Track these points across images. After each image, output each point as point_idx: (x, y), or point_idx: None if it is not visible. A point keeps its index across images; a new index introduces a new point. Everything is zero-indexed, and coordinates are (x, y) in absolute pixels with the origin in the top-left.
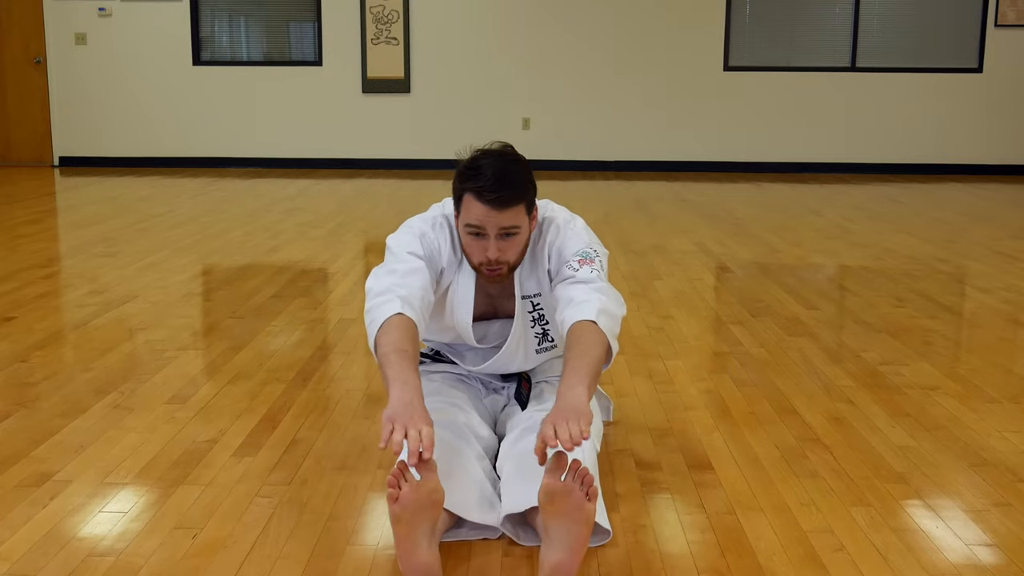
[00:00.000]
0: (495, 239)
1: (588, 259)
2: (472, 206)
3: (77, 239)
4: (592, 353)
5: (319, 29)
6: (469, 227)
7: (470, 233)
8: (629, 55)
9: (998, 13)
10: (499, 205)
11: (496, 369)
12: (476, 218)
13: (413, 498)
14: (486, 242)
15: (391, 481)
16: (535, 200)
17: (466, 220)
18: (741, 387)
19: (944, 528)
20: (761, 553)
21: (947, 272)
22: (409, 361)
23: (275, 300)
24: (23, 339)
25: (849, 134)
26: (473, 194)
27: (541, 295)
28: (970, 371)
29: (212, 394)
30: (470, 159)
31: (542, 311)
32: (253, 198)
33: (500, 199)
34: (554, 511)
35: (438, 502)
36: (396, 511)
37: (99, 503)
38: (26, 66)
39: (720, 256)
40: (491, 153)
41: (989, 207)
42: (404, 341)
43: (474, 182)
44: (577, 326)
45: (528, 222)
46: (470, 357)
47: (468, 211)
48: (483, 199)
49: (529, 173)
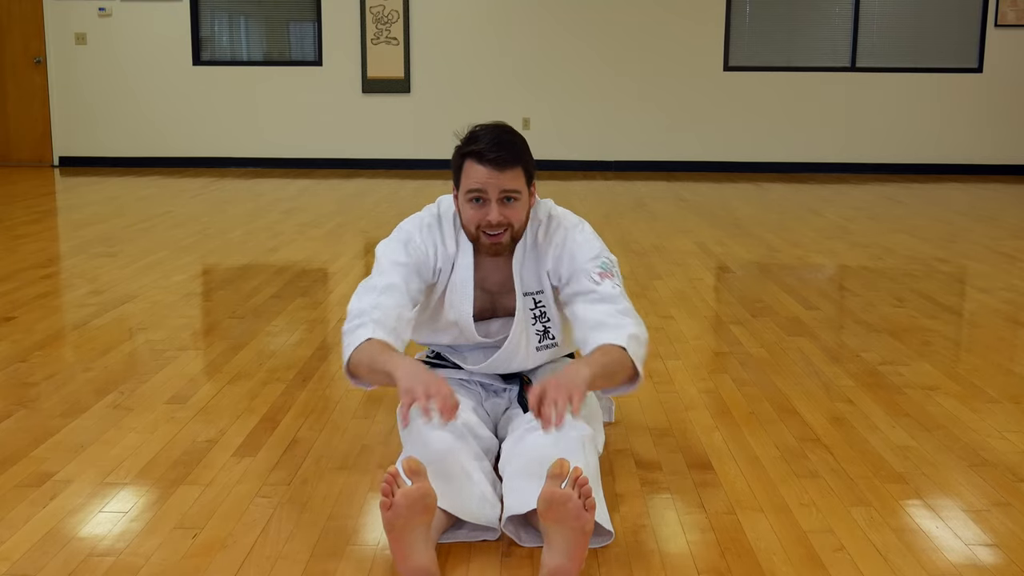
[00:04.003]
0: (496, 204)
1: (607, 272)
2: (472, 170)
3: (77, 239)
4: (613, 361)
5: (319, 29)
6: (471, 192)
7: (471, 199)
8: (629, 55)
9: (998, 13)
10: (499, 165)
11: (497, 368)
12: (477, 181)
13: (405, 504)
14: (485, 208)
15: (384, 489)
16: (534, 174)
17: (467, 186)
18: (741, 387)
19: (944, 528)
20: (761, 553)
21: (947, 272)
22: (398, 350)
23: (275, 300)
24: (23, 339)
25: (849, 134)
26: (473, 158)
27: (543, 292)
28: (970, 371)
29: (212, 394)
30: (471, 129)
31: (543, 308)
32: (253, 198)
33: (500, 159)
34: (553, 517)
35: (430, 507)
36: (389, 518)
37: (99, 503)
38: (26, 66)
39: (720, 256)
40: (488, 125)
41: (989, 207)
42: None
43: (474, 145)
44: (606, 346)
45: (528, 193)
46: (471, 357)
47: (468, 176)
48: (483, 160)
49: (526, 144)
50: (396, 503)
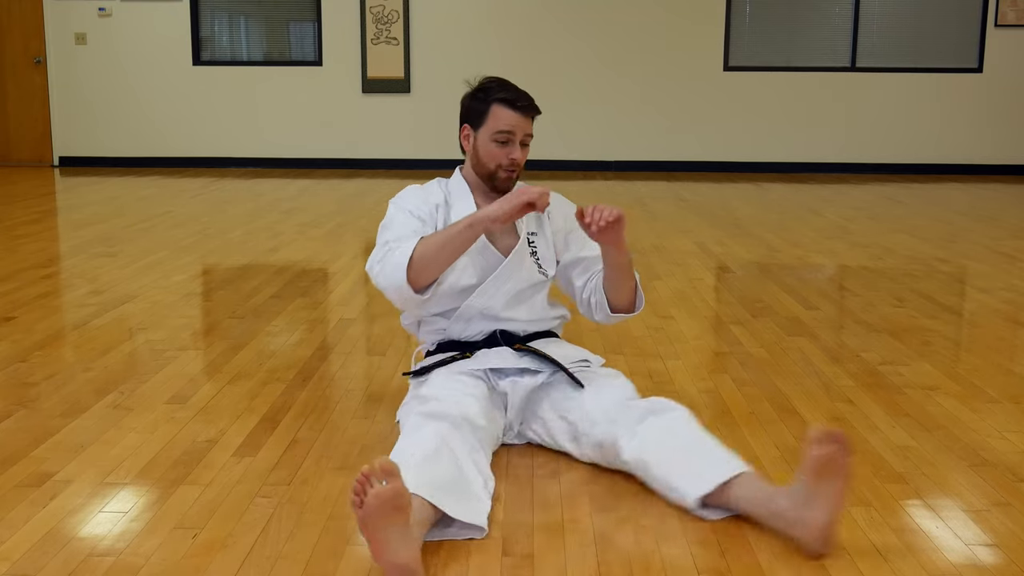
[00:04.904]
0: (519, 145)
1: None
2: (503, 114)
3: (77, 239)
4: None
5: (319, 29)
6: (500, 133)
7: (498, 140)
8: (629, 55)
9: (998, 13)
10: (527, 112)
11: (490, 296)
12: (508, 124)
13: (376, 505)
14: (511, 148)
15: (356, 488)
16: None
17: (496, 128)
18: (741, 387)
19: (944, 528)
20: (761, 553)
21: (947, 272)
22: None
23: (275, 300)
24: (23, 339)
25: (849, 134)
26: (505, 104)
27: (537, 235)
28: (970, 371)
29: (212, 394)
30: (487, 79)
31: (535, 248)
32: (253, 198)
33: (529, 107)
34: (828, 476)
35: (402, 507)
36: (361, 516)
37: (99, 503)
38: (26, 66)
39: (720, 256)
40: (501, 79)
41: (989, 207)
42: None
43: (505, 92)
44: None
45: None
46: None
47: (498, 119)
48: (515, 107)
49: None
50: (367, 503)
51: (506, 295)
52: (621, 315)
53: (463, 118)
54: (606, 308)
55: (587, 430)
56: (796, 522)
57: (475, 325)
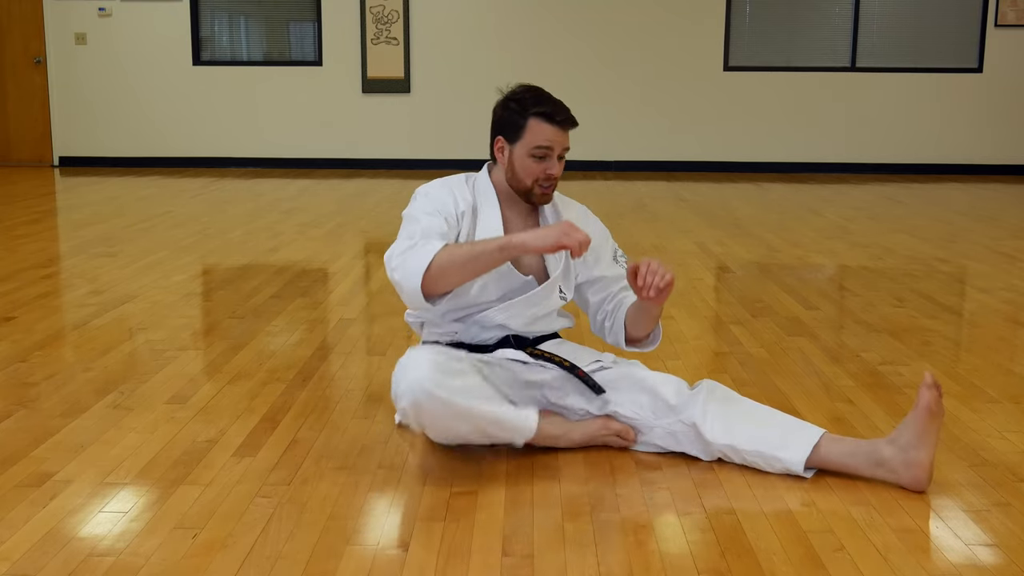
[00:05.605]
0: (557, 160)
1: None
2: (541, 128)
3: (77, 239)
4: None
5: (319, 29)
6: (539, 148)
7: (536, 155)
8: (629, 55)
9: (998, 13)
10: (565, 127)
11: (512, 316)
12: (547, 140)
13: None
14: (548, 163)
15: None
16: None
17: (535, 143)
18: (741, 387)
19: (944, 528)
20: (761, 553)
21: (947, 272)
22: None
23: (275, 300)
24: (23, 339)
25: (849, 134)
26: (543, 118)
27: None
28: (970, 371)
29: (212, 394)
30: (522, 89)
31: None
32: (253, 198)
33: (568, 121)
34: (937, 417)
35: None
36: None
37: (99, 503)
38: (26, 66)
39: (720, 256)
40: (535, 88)
41: (989, 207)
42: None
43: (544, 107)
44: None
45: None
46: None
47: (536, 134)
48: (554, 121)
49: None
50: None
51: (530, 317)
52: (636, 347)
53: (497, 129)
54: (621, 339)
55: (651, 422)
56: (904, 465)
57: (489, 331)
